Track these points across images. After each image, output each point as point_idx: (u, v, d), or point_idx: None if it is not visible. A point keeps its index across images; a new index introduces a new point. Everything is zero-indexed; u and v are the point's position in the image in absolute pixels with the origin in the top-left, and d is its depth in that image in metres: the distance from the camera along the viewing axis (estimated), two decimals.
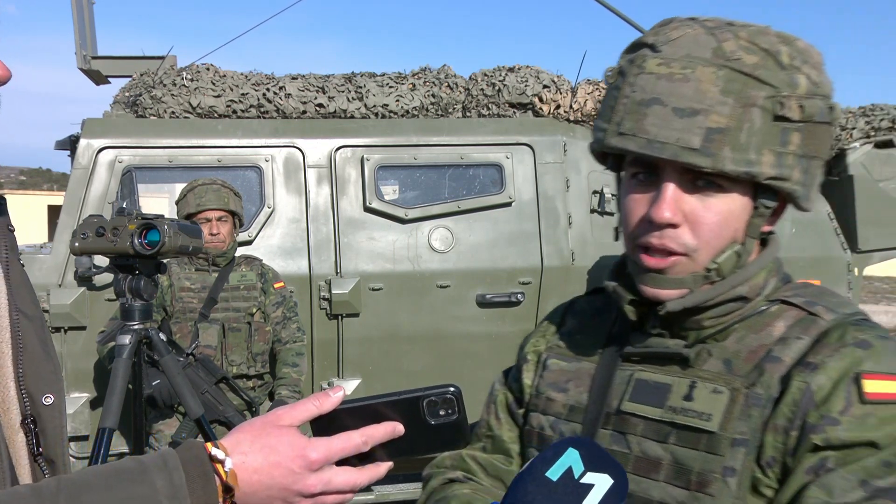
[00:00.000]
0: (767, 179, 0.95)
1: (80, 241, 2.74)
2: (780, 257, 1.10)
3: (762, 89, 0.93)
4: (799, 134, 0.95)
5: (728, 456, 0.94)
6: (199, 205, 3.60)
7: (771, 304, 1.03)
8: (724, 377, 0.98)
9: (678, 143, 0.93)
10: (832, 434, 0.89)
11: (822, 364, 0.93)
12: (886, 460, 0.87)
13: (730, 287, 1.00)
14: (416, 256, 4.33)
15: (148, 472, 0.85)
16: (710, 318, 1.02)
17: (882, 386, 0.89)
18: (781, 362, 0.96)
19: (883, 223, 4.88)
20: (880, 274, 21.61)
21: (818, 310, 0.99)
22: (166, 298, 3.67)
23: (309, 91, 4.45)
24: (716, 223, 0.98)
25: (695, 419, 0.97)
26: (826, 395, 0.91)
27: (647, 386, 1.03)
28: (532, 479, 0.90)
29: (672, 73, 0.94)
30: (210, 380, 3.45)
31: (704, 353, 1.02)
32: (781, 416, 0.93)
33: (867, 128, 4.93)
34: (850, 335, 0.94)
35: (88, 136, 4.11)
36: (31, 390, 1.00)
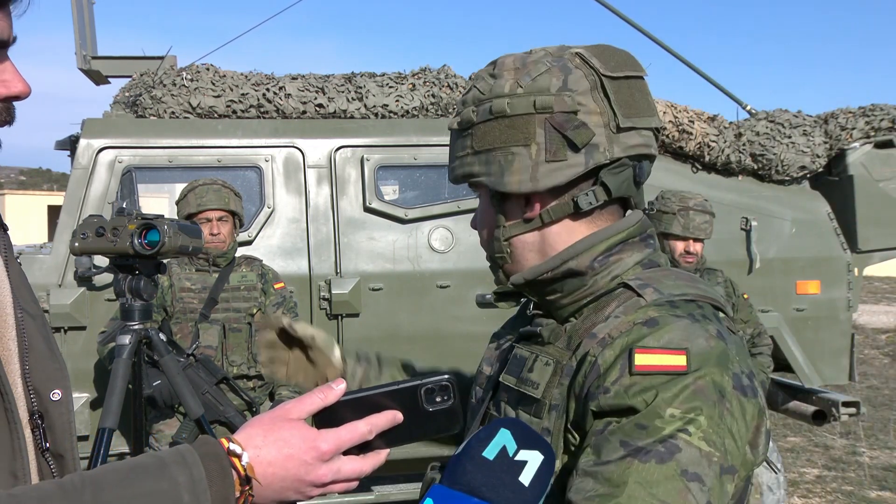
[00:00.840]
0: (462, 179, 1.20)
1: (80, 242, 2.75)
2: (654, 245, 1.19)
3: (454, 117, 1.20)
4: (470, 138, 1.17)
5: (545, 419, 1.08)
6: (200, 205, 3.60)
7: (618, 286, 1.12)
8: (560, 352, 1.11)
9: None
10: (603, 401, 0.99)
11: (611, 340, 1.04)
12: (639, 423, 0.96)
13: (560, 261, 1.14)
14: (416, 256, 4.34)
15: (168, 467, 0.87)
16: (566, 297, 1.14)
17: (650, 359, 0.99)
18: (595, 337, 1.06)
19: (883, 223, 4.89)
20: (880, 274, 21.61)
21: (647, 292, 1.08)
22: (167, 299, 3.67)
23: (309, 91, 4.45)
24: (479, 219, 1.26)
25: (529, 388, 1.11)
26: (607, 367, 1.02)
27: (515, 360, 1.18)
28: (469, 458, 0.95)
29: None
30: (210, 380, 3.45)
31: (560, 331, 1.14)
32: (577, 384, 1.05)
33: (867, 128, 4.94)
34: (644, 314, 1.05)
35: (88, 136, 4.11)
36: (37, 387, 1.01)
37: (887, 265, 7.38)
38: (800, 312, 4.83)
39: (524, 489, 0.92)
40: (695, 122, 4.79)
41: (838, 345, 4.92)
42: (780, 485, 4.47)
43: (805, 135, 4.91)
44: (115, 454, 3.82)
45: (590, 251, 1.13)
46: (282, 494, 0.93)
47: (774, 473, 4.40)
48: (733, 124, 4.98)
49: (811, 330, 4.86)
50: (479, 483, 0.92)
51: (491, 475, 0.93)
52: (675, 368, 0.98)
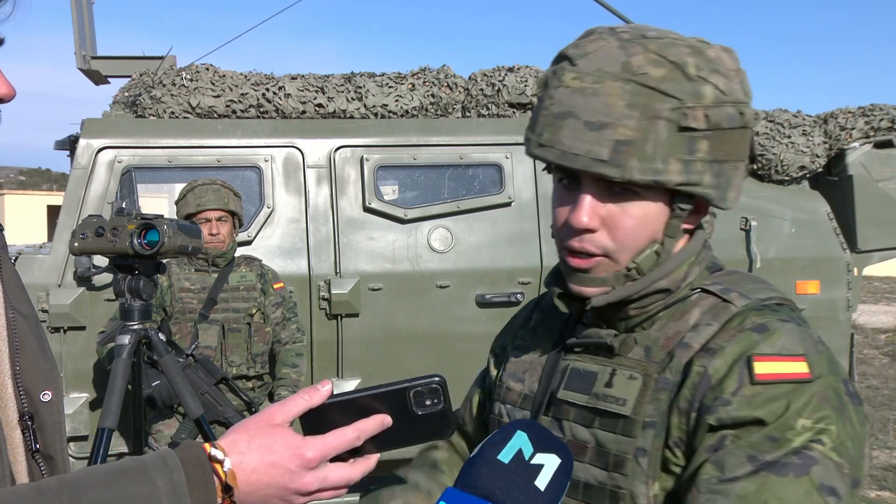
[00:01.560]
0: (678, 185, 1.00)
1: (79, 242, 2.74)
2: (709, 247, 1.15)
3: (667, 102, 0.98)
4: (707, 141, 1.00)
5: (640, 438, 1.00)
6: (199, 205, 3.60)
7: (692, 292, 1.08)
8: (642, 364, 1.05)
9: (588, 154, 0.99)
10: (724, 414, 0.94)
11: (720, 349, 0.99)
12: (771, 435, 0.92)
13: (651, 282, 1.06)
14: (415, 256, 4.34)
15: (148, 471, 0.86)
16: (635, 308, 1.09)
17: (771, 367, 0.95)
18: (690, 348, 1.01)
19: (882, 223, 4.88)
20: (880, 274, 21.61)
21: (732, 296, 1.04)
22: (166, 299, 3.67)
23: (308, 91, 4.45)
24: (632, 227, 1.03)
25: (612, 404, 1.04)
26: (721, 377, 0.97)
27: (578, 374, 1.11)
28: (484, 462, 0.93)
29: (584, 87, 1.00)
30: (210, 380, 3.45)
31: (631, 341, 1.08)
32: (683, 399, 0.99)
33: (866, 128, 4.94)
34: (749, 320, 1.00)
35: (88, 136, 4.11)
36: (28, 387, 1.00)
37: (887, 265, 7.38)
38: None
39: (539, 494, 0.90)
40: None
41: (838, 344, 4.91)
42: None
43: (804, 135, 4.91)
44: (115, 454, 3.81)
45: (681, 267, 1.08)
46: (266, 502, 0.91)
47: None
48: None
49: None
50: (494, 487, 0.90)
51: (506, 479, 0.91)
52: (800, 376, 0.95)
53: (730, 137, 1.01)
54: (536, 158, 1.06)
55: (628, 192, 1.02)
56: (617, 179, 0.99)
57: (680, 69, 0.99)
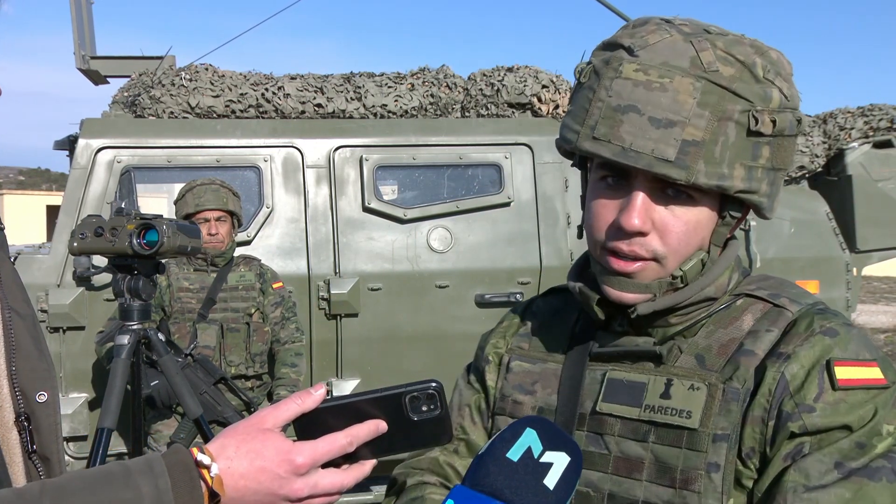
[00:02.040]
0: (737, 192, 0.96)
1: (78, 242, 2.74)
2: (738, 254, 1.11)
3: (738, 103, 0.93)
4: (769, 148, 0.96)
5: (711, 452, 0.95)
6: (198, 205, 3.60)
7: (735, 298, 1.05)
8: (697, 373, 0.99)
9: (653, 153, 0.93)
10: (808, 421, 0.91)
11: (794, 353, 0.95)
12: (859, 441, 0.90)
13: (699, 289, 1.02)
14: (415, 256, 4.33)
15: (133, 476, 0.84)
16: (678, 316, 1.04)
17: (851, 372, 0.93)
18: (755, 355, 0.97)
19: (881, 223, 4.88)
20: (879, 274, 21.61)
21: (783, 301, 1.01)
22: (165, 299, 3.67)
23: (308, 91, 4.45)
24: (684, 232, 0.99)
25: (675, 417, 0.97)
26: (800, 383, 0.93)
27: (621, 385, 1.03)
28: (493, 460, 0.91)
29: (650, 80, 0.94)
30: (209, 380, 3.45)
31: (675, 349, 1.03)
32: (758, 406, 0.94)
33: (866, 128, 4.94)
34: (817, 324, 0.97)
35: (87, 136, 4.11)
36: (24, 388, 1.00)
37: (886, 265, 7.38)
38: None
39: (548, 492, 0.88)
40: None
41: None
42: None
43: (804, 134, 4.91)
44: (114, 454, 3.81)
45: (724, 274, 1.04)
46: None
47: None
48: None
49: None
50: (502, 485, 0.89)
51: (514, 477, 0.89)
52: (878, 382, 0.93)
53: (787, 145, 0.98)
54: (585, 154, 0.99)
55: (682, 196, 0.97)
56: (681, 182, 0.94)
57: (749, 69, 0.94)
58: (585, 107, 0.98)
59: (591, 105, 0.97)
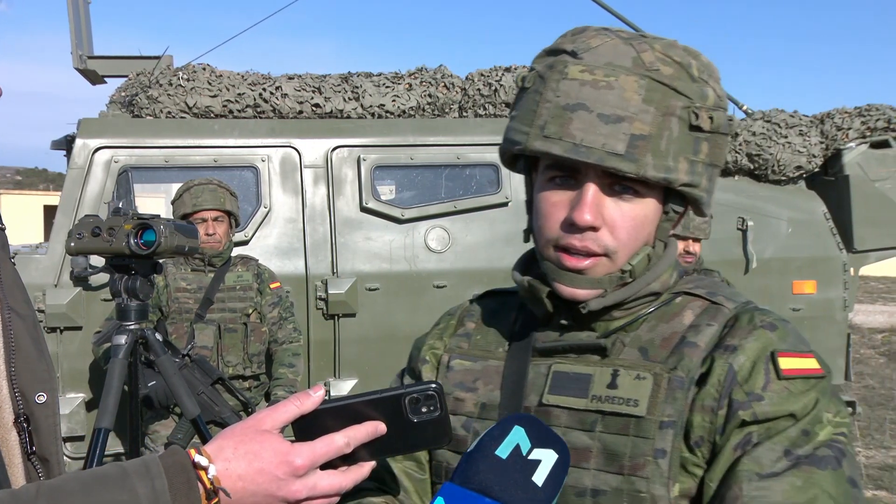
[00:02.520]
0: (681, 186, 1.00)
1: (76, 242, 2.74)
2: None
3: (679, 99, 0.98)
4: (707, 143, 1.00)
5: (658, 438, 0.97)
6: (196, 205, 3.59)
7: (675, 295, 1.09)
8: (642, 364, 1.02)
9: (604, 148, 0.96)
10: (758, 409, 0.95)
11: (740, 346, 0.99)
12: (804, 429, 0.94)
13: (644, 285, 1.06)
14: (412, 256, 4.33)
15: (129, 478, 0.84)
16: (622, 310, 1.07)
17: (793, 363, 0.97)
18: (698, 347, 1.01)
19: (879, 223, 4.89)
20: (876, 274, 21.65)
21: (720, 299, 1.06)
22: (162, 299, 3.66)
23: (305, 91, 4.45)
24: (632, 227, 1.02)
25: (622, 406, 1.00)
26: (747, 373, 0.97)
27: (566, 377, 1.05)
28: (483, 457, 0.92)
29: (596, 79, 0.97)
30: (206, 381, 3.44)
31: (619, 343, 1.06)
32: (708, 396, 0.98)
33: (863, 128, 4.94)
34: (758, 318, 1.02)
35: (84, 136, 4.10)
36: (23, 389, 0.99)
37: (883, 265, 7.40)
38: (796, 312, 4.84)
39: (537, 489, 0.89)
40: None
41: (834, 344, 4.92)
42: None
43: (801, 135, 4.91)
44: (112, 454, 3.81)
45: (668, 271, 1.08)
46: None
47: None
48: None
49: (807, 330, 4.86)
50: (492, 482, 0.90)
51: (503, 474, 0.90)
52: (816, 372, 0.98)
53: (722, 143, 1.03)
54: (535, 153, 1.02)
55: (629, 191, 1.01)
56: (631, 175, 0.97)
57: (685, 70, 0.99)
58: (533, 109, 1.01)
59: (539, 106, 1.00)
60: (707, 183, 1.03)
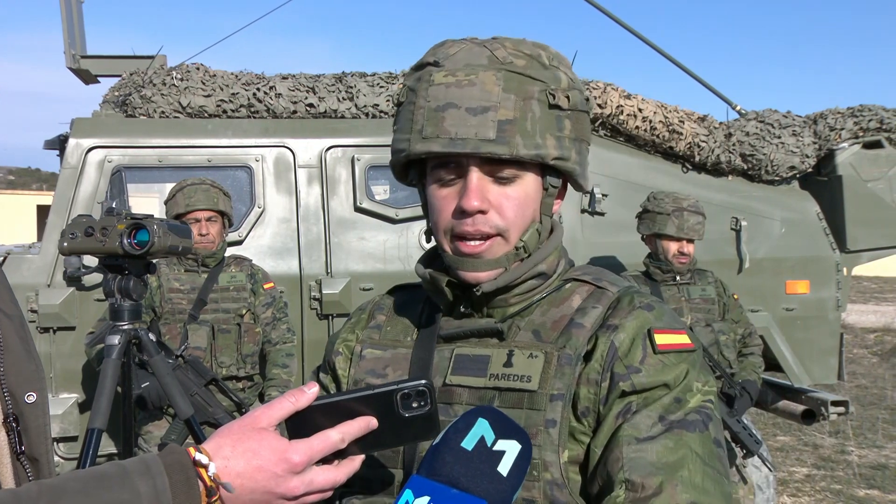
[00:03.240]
0: (553, 160, 1.10)
1: (68, 241, 2.73)
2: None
3: (535, 84, 1.09)
4: (569, 121, 1.11)
5: (548, 410, 1.06)
6: (189, 205, 3.58)
7: (565, 282, 1.19)
8: (535, 344, 1.11)
9: (477, 136, 1.06)
10: (636, 380, 1.05)
11: (620, 324, 1.09)
12: (676, 397, 1.05)
13: (532, 265, 1.15)
14: (406, 256, 4.33)
15: (130, 476, 0.84)
16: (516, 296, 1.17)
17: (667, 338, 1.08)
18: (584, 327, 1.11)
19: (871, 223, 4.91)
20: (869, 274, 21.72)
21: (604, 284, 1.17)
22: (155, 299, 3.65)
23: (299, 91, 4.44)
24: (517, 205, 1.11)
25: (517, 382, 1.09)
26: (627, 349, 1.07)
27: (467, 359, 1.14)
28: (448, 449, 0.94)
29: (459, 80, 1.08)
30: (199, 381, 3.43)
31: (514, 327, 1.15)
32: (592, 370, 1.07)
33: (856, 128, 4.96)
34: (637, 300, 1.13)
35: (77, 135, 4.09)
36: (12, 389, 0.99)
37: (875, 265, 7.43)
38: (789, 312, 4.85)
39: (502, 479, 0.93)
40: (685, 122, 4.80)
41: (827, 344, 4.94)
42: (769, 483, 4.49)
43: (794, 135, 4.93)
44: (104, 455, 3.80)
45: (553, 254, 1.19)
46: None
47: (769, 471, 4.41)
48: (723, 124, 4.99)
49: (800, 329, 4.88)
50: (459, 474, 0.93)
51: (469, 466, 0.93)
52: (687, 346, 1.09)
53: (583, 119, 1.14)
54: (419, 155, 1.10)
55: (509, 175, 1.10)
56: (506, 156, 1.06)
57: (536, 59, 1.10)
58: (409, 118, 1.12)
59: (414, 115, 1.11)
60: (576, 156, 1.13)
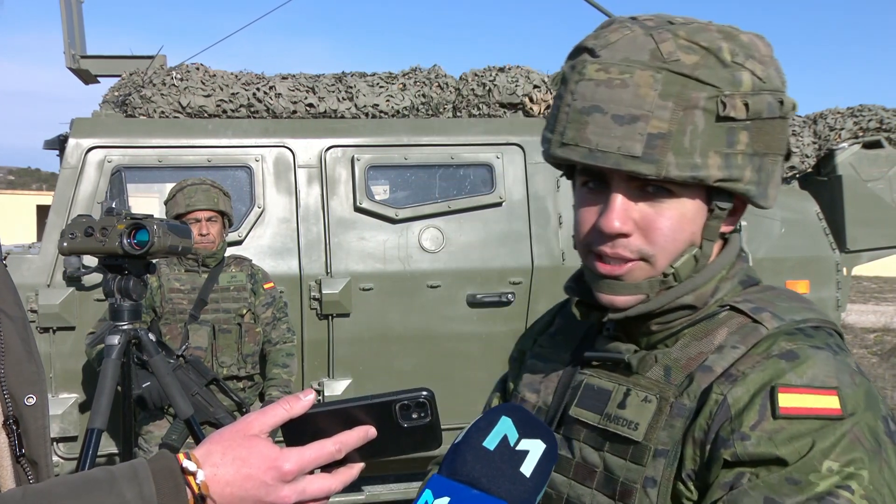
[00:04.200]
0: (717, 182, 0.93)
1: (68, 241, 2.73)
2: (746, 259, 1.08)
3: (703, 90, 0.91)
4: (747, 132, 0.92)
5: (650, 466, 0.94)
6: (189, 205, 3.58)
7: (721, 309, 1.00)
8: (659, 385, 0.97)
9: (619, 151, 0.91)
10: (740, 449, 0.87)
11: (742, 376, 0.91)
12: (791, 477, 0.84)
13: (676, 296, 0.98)
14: (406, 256, 4.33)
15: (117, 482, 0.84)
16: (658, 324, 1.01)
17: (797, 400, 0.87)
18: (712, 372, 0.94)
19: (871, 223, 4.91)
20: (869, 274, 21.72)
21: (763, 317, 0.96)
22: (155, 299, 3.65)
23: (299, 91, 4.44)
24: (669, 228, 0.95)
25: (624, 428, 0.97)
26: (741, 408, 0.89)
27: (591, 391, 1.04)
28: (469, 449, 0.91)
29: (611, 78, 0.92)
30: (200, 381, 3.43)
31: (651, 359, 1.00)
32: (699, 428, 0.92)
33: (855, 128, 4.96)
34: (777, 345, 0.92)
35: (77, 135, 4.09)
36: (12, 391, 0.98)
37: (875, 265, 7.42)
38: None
39: (525, 480, 0.89)
40: None
41: None
42: None
43: (794, 135, 4.93)
44: (104, 455, 3.80)
45: (710, 282, 1.01)
46: None
47: None
48: None
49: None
50: (479, 474, 0.89)
51: (491, 466, 0.89)
52: (829, 412, 0.86)
53: (770, 128, 0.94)
54: (559, 160, 0.98)
55: (663, 191, 0.94)
56: (652, 177, 0.91)
57: (714, 55, 0.91)
58: (555, 114, 0.98)
59: (560, 111, 0.97)
60: (753, 174, 0.95)
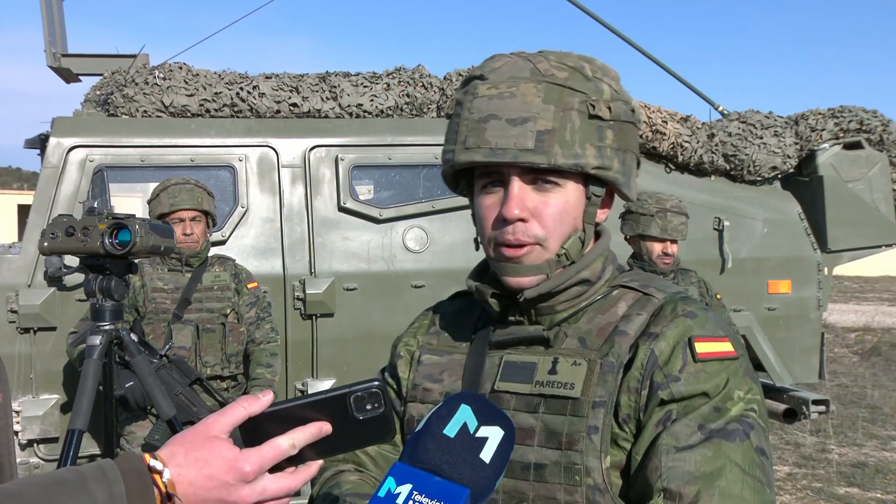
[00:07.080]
0: (593, 169, 1.13)
1: (49, 241, 2.71)
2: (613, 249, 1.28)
3: (576, 96, 1.12)
4: (612, 131, 1.14)
5: (591, 416, 1.10)
6: (173, 205, 3.57)
7: (612, 289, 1.22)
8: (580, 352, 1.15)
9: (516, 146, 1.10)
10: (674, 389, 1.08)
11: (661, 333, 1.12)
12: (716, 406, 1.07)
13: (575, 272, 1.18)
14: (390, 256, 4.33)
15: (87, 483, 0.85)
16: (563, 303, 1.20)
17: (707, 347, 1.10)
18: (627, 335, 1.13)
19: (852, 223, 4.95)
20: (850, 273, 21.92)
21: (651, 290, 1.19)
22: (138, 299, 3.63)
23: (283, 90, 4.43)
24: (557, 213, 1.15)
25: (561, 389, 1.13)
26: (667, 357, 1.10)
27: (515, 366, 1.19)
28: (431, 437, 0.95)
29: (501, 92, 1.12)
30: (184, 381, 3.42)
31: (561, 334, 1.19)
32: (633, 378, 1.10)
33: (836, 129, 5.00)
34: (679, 308, 1.14)
35: (59, 134, 4.06)
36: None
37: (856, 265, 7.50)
38: (771, 312, 4.89)
39: (485, 466, 0.93)
40: (668, 122, 4.82)
41: (809, 344, 4.98)
42: None
43: (776, 136, 4.97)
44: (86, 456, 3.77)
45: (598, 261, 1.21)
46: None
47: None
48: (706, 125, 5.02)
49: (782, 329, 4.92)
50: (441, 461, 0.93)
51: (452, 453, 0.93)
52: (728, 354, 1.10)
53: (627, 130, 1.16)
54: (462, 166, 1.16)
55: (549, 184, 1.14)
56: (544, 165, 1.10)
57: (579, 72, 1.13)
58: (455, 129, 1.17)
59: (460, 126, 1.16)
60: (619, 166, 1.15)
